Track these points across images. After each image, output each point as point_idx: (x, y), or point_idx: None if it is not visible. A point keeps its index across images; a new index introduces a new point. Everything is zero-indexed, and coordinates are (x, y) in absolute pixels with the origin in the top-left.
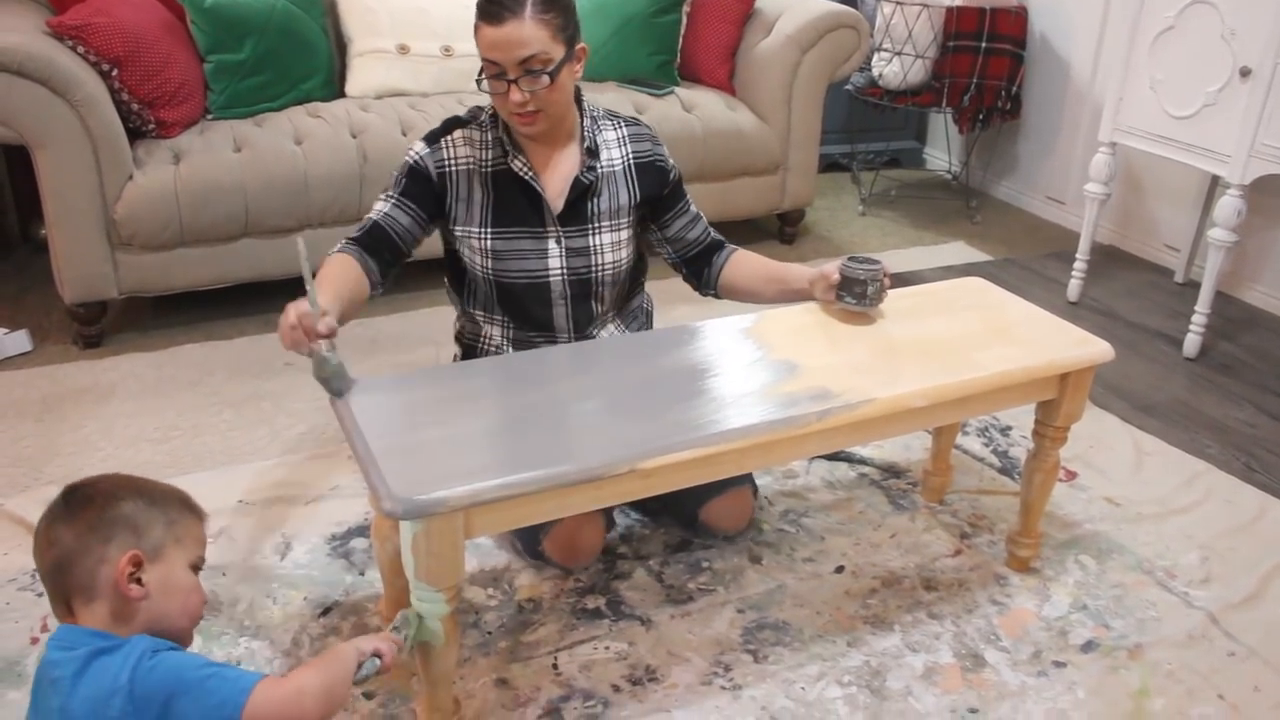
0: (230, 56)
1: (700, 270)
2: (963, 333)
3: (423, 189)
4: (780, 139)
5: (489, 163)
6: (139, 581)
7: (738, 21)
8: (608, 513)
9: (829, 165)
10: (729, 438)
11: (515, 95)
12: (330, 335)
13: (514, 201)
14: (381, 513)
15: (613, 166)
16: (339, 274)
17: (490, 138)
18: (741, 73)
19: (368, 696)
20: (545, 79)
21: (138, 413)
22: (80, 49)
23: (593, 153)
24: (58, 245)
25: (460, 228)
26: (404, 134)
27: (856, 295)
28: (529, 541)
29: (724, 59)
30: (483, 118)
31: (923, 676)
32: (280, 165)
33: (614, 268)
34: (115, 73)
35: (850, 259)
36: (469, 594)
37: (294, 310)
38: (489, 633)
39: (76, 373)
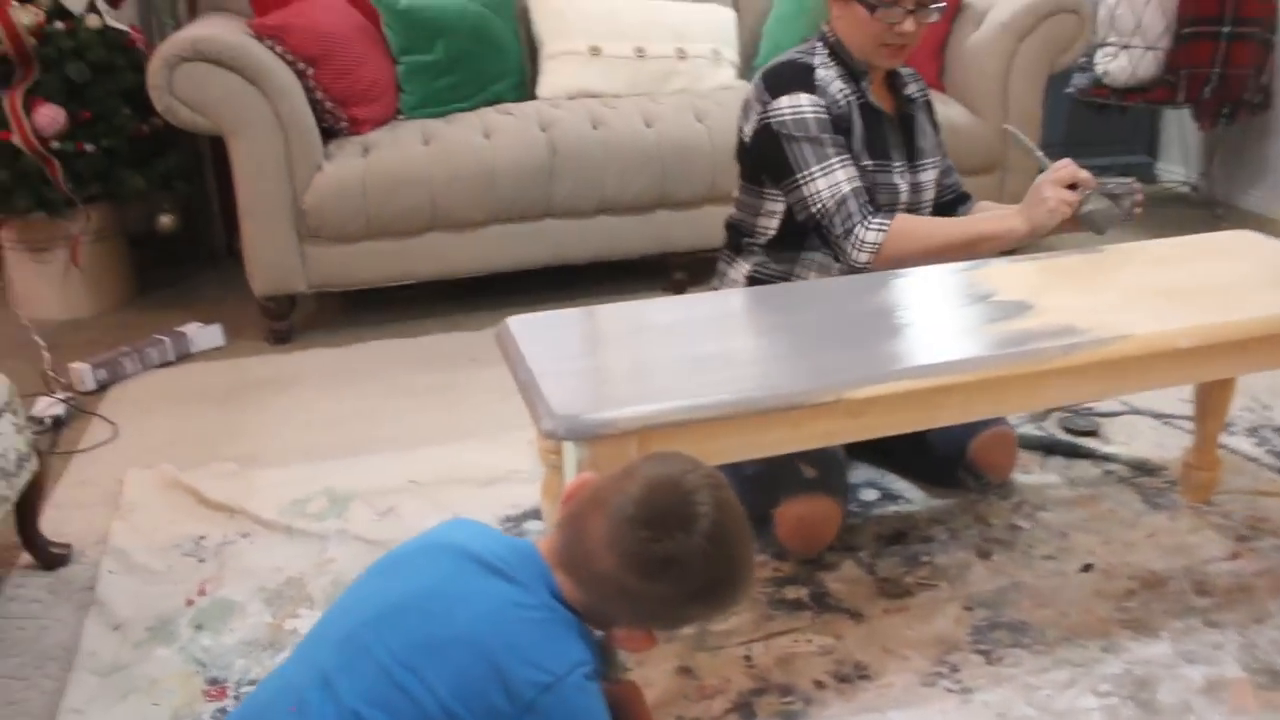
0: (422, 57)
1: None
2: (1235, 278)
3: (838, 132)
4: (996, 135)
5: (851, 96)
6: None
7: (946, 16)
8: (845, 491)
9: None
10: (954, 370)
11: (909, 25)
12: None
13: (877, 135)
14: (541, 433)
15: (917, 100)
16: (937, 222)
17: (837, 73)
18: (952, 69)
19: None
20: (935, 14)
21: (317, 400)
22: (278, 49)
23: (896, 89)
24: (249, 234)
25: None
26: (594, 128)
27: (1108, 216)
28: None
29: (933, 56)
30: (815, 58)
31: (1204, 691)
32: (467, 157)
33: (929, 207)
34: (310, 71)
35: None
36: None
37: (1063, 173)
38: None
39: (263, 365)
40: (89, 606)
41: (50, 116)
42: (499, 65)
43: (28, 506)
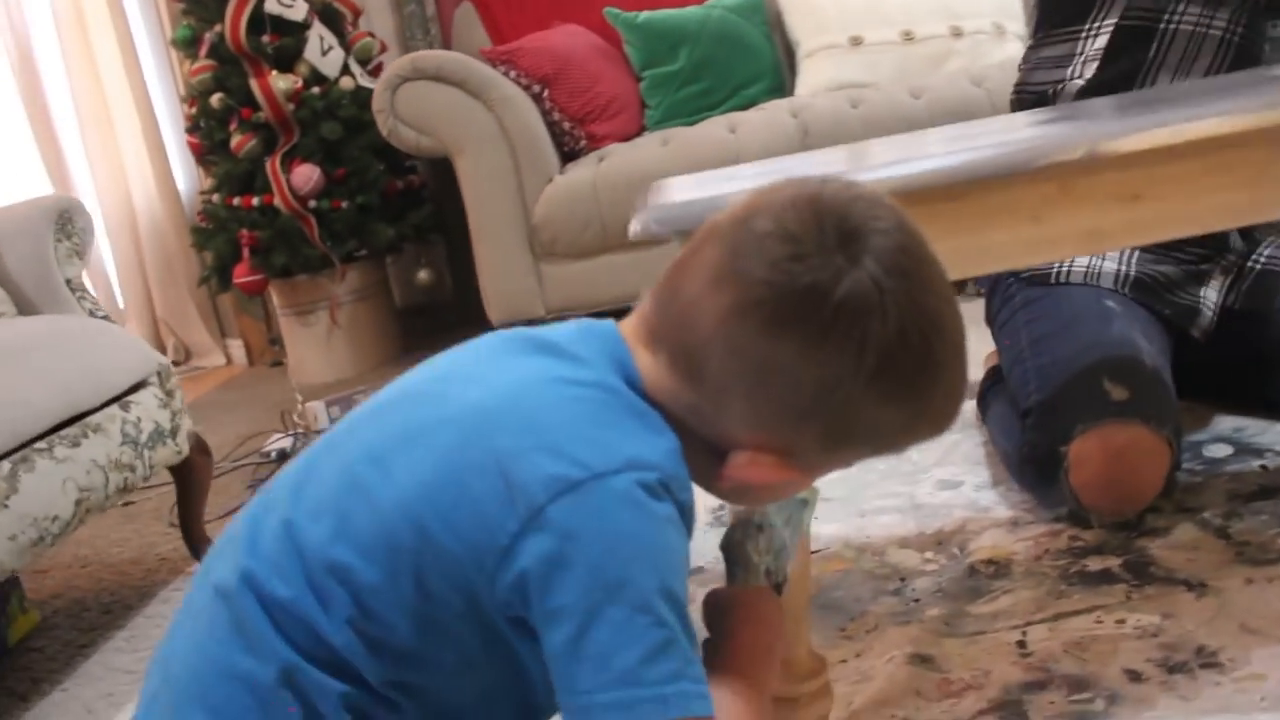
0: (665, 68)
1: None
2: None
3: None
4: None
5: None
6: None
7: None
8: (1174, 424)
9: None
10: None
11: None
12: None
13: None
14: (631, 236)
15: None
16: None
17: None
18: None
19: None
20: None
21: None
22: (512, 73)
23: None
24: (482, 258)
25: None
26: (853, 107)
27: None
28: (1040, 460)
29: None
30: None
31: None
32: (708, 150)
33: None
34: (545, 93)
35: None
36: (893, 556)
37: None
38: (914, 600)
39: None
40: None
41: (305, 175)
42: (750, 69)
43: (188, 509)
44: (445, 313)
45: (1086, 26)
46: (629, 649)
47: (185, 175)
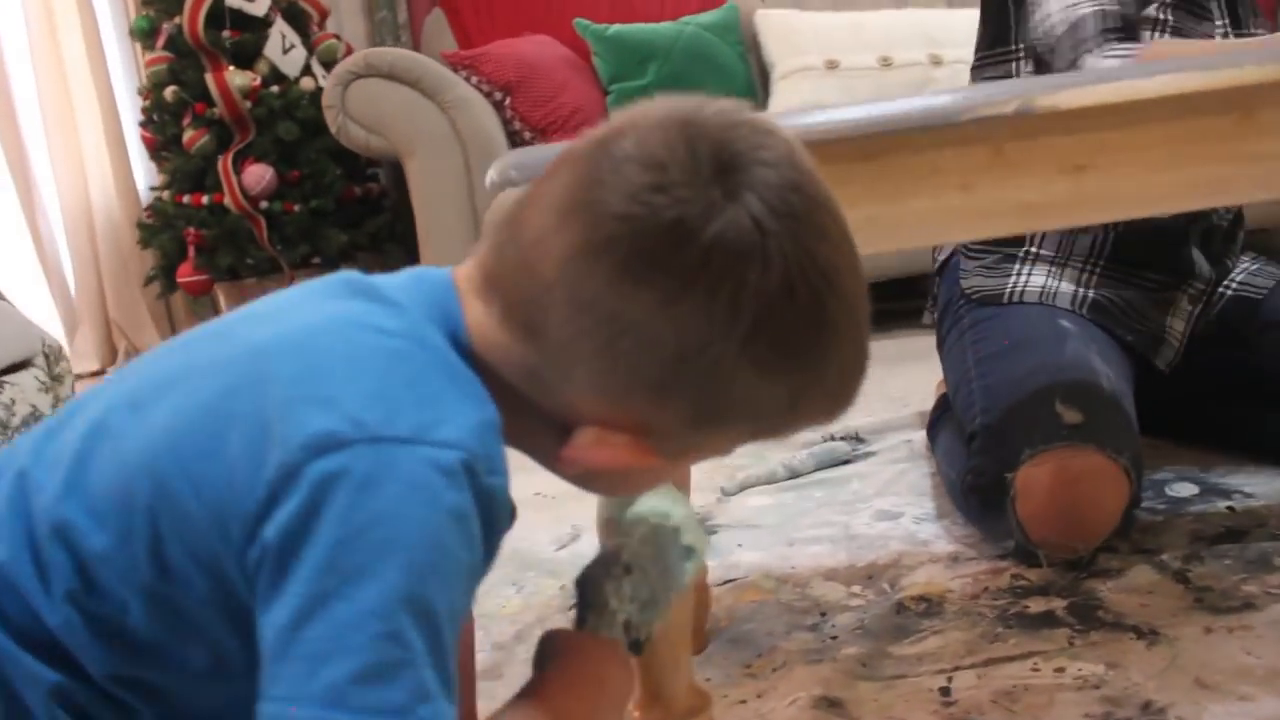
0: (633, 83)
1: None
2: None
3: None
4: None
5: None
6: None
7: None
8: (1133, 451)
9: None
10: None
11: None
12: None
13: None
14: (492, 189)
15: None
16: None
17: None
18: None
19: None
20: None
21: None
22: (474, 79)
23: None
24: (428, 264)
25: None
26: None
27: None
28: (984, 488)
29: None
30: None
31: None
32: None
33: None
34: (507, 100)
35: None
36: (816, 589)
37: None
38: (831, 638)
39: None
40: None
41: (257, 175)
42: (721, 88)
43: None
44: None
45: (1012, 47)
46: (344, 659)
47: (145, 173)
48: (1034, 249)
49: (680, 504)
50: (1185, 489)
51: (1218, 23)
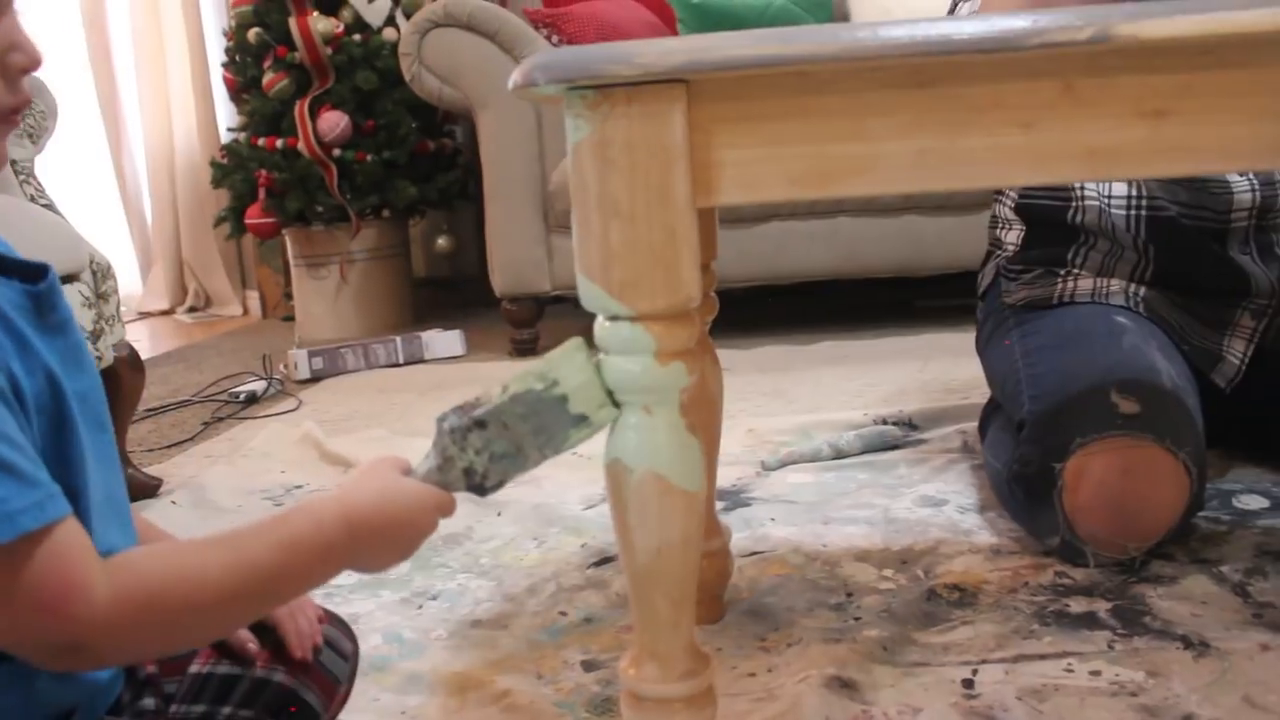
0: None
1: None
2: None
3: None
4: None
5: None
6: None
7: None
8: (1196, 458)
9: None
10: None
11: None
12: None
13: None
14: (515, 91)
15: None
16: None
17: None
18: None
19: (587, 668)
20: None
21: None
22: (554, 38)
23: None
24: (492, 222)
25: None
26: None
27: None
28: (1029, 477)
29: None
30: None
31: None
32: None
33: None
34: None
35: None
36: (845, 569)
37: None
38: (855, 619)
39: (489, 370)
40: None
41: (333, 122)
42: None
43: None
44: (466, 288)
45: None
46: None
47: (227, 116)
48: (1075, 269)
49: (582, 371)
50: (1255, 501)
51: None
